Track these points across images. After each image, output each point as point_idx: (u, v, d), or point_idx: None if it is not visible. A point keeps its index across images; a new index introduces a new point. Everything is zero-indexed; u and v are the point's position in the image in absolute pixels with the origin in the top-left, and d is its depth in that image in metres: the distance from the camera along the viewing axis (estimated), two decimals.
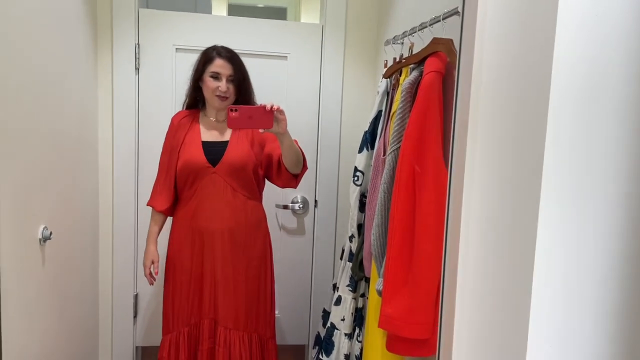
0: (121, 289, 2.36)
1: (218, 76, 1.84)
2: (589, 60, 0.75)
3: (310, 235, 2.50)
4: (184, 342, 1.92)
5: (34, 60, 1.52)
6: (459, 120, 1.00)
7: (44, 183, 1.62)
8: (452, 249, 1.01)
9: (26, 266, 1.49)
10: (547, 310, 0.79)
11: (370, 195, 1.74)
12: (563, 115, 0.76)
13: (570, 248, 0.78)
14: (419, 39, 1.61)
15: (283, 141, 1.76)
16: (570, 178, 0.77)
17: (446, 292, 1.04)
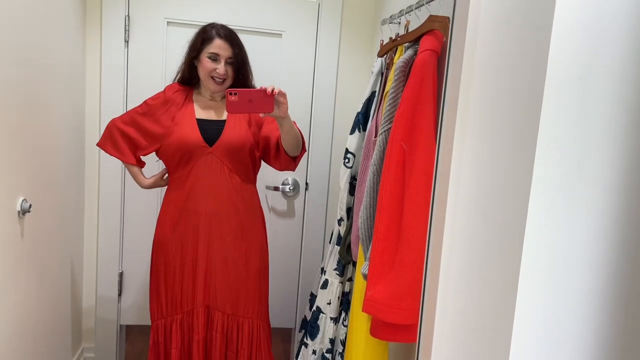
0: (106, 266, 2.33)
1: (216, 57, 1.75)
2: (588, 36, 0.72)
3: (300, 218, 2.47)
4: (177, 330, 1.87)
5: (18, 28, 1.46)
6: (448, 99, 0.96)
7: (24, 155, 1.58)
8: (436, 232, 0.98)
9: (3, 238, 1.45)
10: (533, 298, 0.76)
11: (360, 178, 1.70)
12: (558, 99, 0.72)
13: (560, 234, 0.76)
14: (416, 17, 1.56)
15: (283, 125, 1.69)
16: (563, 164, 0.74)
17: (429, 276, 1.00)
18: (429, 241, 0.98)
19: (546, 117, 0.73)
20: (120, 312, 2.38)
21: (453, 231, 0.95)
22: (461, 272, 0.93)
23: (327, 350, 1.88)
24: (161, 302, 1.87)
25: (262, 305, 1.92)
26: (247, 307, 1.88)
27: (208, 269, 1.84)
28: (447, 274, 0.95)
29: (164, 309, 1.87)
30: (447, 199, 0.93)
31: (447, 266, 0.95)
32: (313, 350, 1.91)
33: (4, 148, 1.42)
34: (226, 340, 1.88)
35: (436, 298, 0.94)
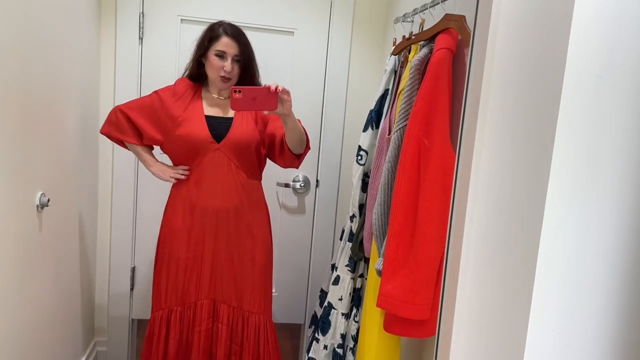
0: (119, 261, 2.35)
1: (223, 55, 1.77)
2: (606, 44, 0.73)
3: (310, 214, 2.49)
4: (176, 322, 1.89)
5: (35, 26, 1.48)
6: (469, 100, 0.97)
7: (43, 150, 1.60)
8: (456, 229, 0.99)
9: (22, 231, 1.47)
10: (550, 294, 0.78)
11: (373, 175, 1.72)
12: (576, 99, 0.74)
13: (577, 231, 0.77)
14: (430, 15, 1.57)
15: (287, 122, 1.71)
16: (580, 162, 0.75)
17: (449, 273, 1.02)
18: (449, 237, 1.00)
19: (564, 114, 0.74)
20: (132, 307, 2.41)
21: (471, 226, 0.97)
22: (479, 266, 0.95)
23: (338, 345, 1.90)
24: (161, 292, 1.89)
25: (267, 300, 1.95)
26: (253, 302, 1.90)
27: (214, 263, 1.87)
28: (466, 269, 0.97)
29: (163, 299, 1.89)
30: (468, 195, 0.94)
31: (466, 260, 0.97)
32: (324, 345, 1.93)
33: (24, 144, 1.44)
34: (231, 333, 1.90)
35: (456, 292, 0.96)
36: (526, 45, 0.84)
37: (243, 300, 1.88)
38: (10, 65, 1.33)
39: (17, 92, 1.38)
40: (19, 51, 1.39)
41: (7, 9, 1.29)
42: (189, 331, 1.91)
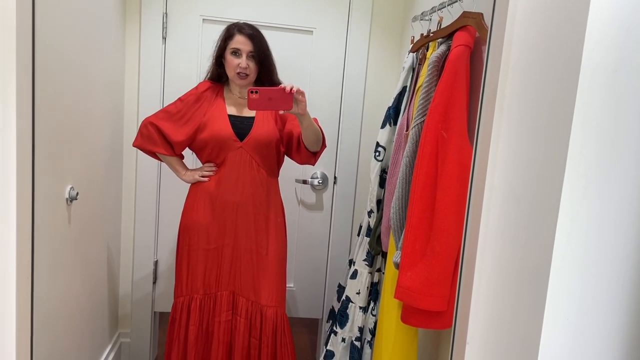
0: (142, 254, 2.41)
1: (238, 52, 1.83)
2: (622, 39, 0.75)
3: (328, 211, 2.52)
4: (195, 309, 1.95)
5: (66, 23, 1.54)
6: (486, 94, 0.99)
7: (72, 145, 1.66)
8: (473, 222, 1.02)
9: (53, 224, 1.53)
10: (565, 285, 0.79)
11: (390, 171, 1.75)
12: (592, 94, 0.75)
13: (592, 224, 0.78)
14: (448, 13, 1.59)
15: (302, 121, 1.77)
16: (596, 155, 0.77)
17: (465, 265, 1.04)
18: (466, 229, 1.02)
19: (580, 108, 0.76)
20: (155, 299, 2.47)
21: (488, 219, 0.99)
22: (496, 258, 0.97)
23: (356, 338, 1.93)
24: (182, 280, 1.96)
25: (282, 294, 2.00)
26: (270, 296, 1.94)
27: (233, 256, 1.93)
28: (482, 261, 0.99)
29: (184, 286, 1.96)
30: (484, 189, 0.96)
31: (482, 253, 0.99)
32: (342, 338, 1.96)
33: (56, 138, 1.50)
34: (250, 327, 1.95)
35: (472, 284, 0.98)
36: (542, 40, 0.86)
37: (260, 295, 1.93)
38: (50, 65, 1.40)
39: (53, 90, 1.44)
40: (58, 51, 1.45)
41: (47, 13, 1.35)
42: (208, 320, 1.97)
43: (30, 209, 1.08)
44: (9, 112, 0.97)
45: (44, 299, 1.50)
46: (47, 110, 1.41)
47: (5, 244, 1.02)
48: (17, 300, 1.02)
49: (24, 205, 1.04)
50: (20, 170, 1.02)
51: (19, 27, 0.96)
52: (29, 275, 1.09)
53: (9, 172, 1.00)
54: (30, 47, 1.02)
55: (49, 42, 1.41)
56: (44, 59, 1.38)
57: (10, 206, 1.01)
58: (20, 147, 1.01)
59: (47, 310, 1.53)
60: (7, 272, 1.02)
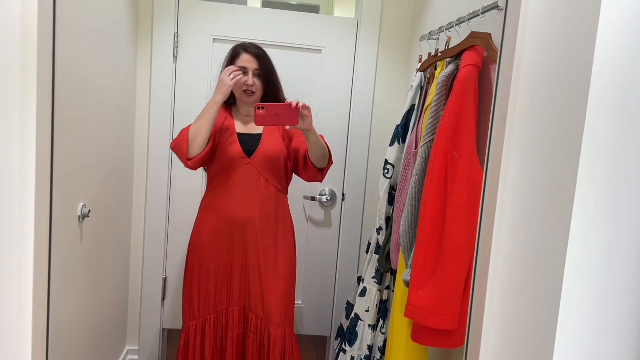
0: (151, 271, 2.42)
1: (245, 70, 1.86)
2: (631, 59, 0.76)
3: (336, 228, 2.53)
4: (210, 330, 1.95)
5: (81, 45, 1.58)
6: (497, 114, 1.01)
7: (86, 163, 1.69)
8: (485, 242, 1.02)
9: (66, 241, 1.55)
10: (577, 304, 0.80)
11: (400, 188, 1.75)
12: (601, 114, 0.76)
13: (603, 246, 0.79)
14: (456, 33, 1.61)
15: (309, 137, 1.79)
16: (606, 174, 0.77)
17: (477, 284, 1.04)
18: (478, 248, 1.03)
19: (590, 127, 0.76)
20: (164, 316, 2.47)
21: (499, 239, 1.00)
22: (507, 277, 0.97)
23: (365, 356, 1.92)
24: (193, 303, 1.95)
25: (291, 312, 1.99)
26: (279, 314, 1.93)
27: (243, 273, 1.93)
28: (494, 279, 1.00)
29: (196, 310, 1.95)
30: (495, 208, 0.97)
31: (494, 271, 0.99)
32: (351, 356, 1.96)
33: (69, 156, 1.53)
34: (260, 343, 1.95)
35: (484, 302, 0.99)
36: (552, 62, 0.87)
37: (269, 313, 1.92)
38: (67, 86, 1.42)
39: (68, 110, 1.47)
40: (74, 73, 1.48)
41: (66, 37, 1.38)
42: (222, 337, 1.97)
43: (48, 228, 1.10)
44: (29, 133, 1.00)
45: (55, 317, 1.51)
46: (62, 130, 1.44)
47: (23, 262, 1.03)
48: (34, 319, 1.03)
49: (41, 225, 1.06)
50: (39, 190, 1.03)
51: (40, 52, 0.99)
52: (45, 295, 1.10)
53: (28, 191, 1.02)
54: (50, 70, 1.05)
55: (66, 65, 1.44)
56: (61, 81, 1.41)
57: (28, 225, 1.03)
58: (40, 167, 1.03)
59: (58, 327, 1.54)
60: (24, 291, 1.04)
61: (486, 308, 1.01)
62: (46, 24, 1.01)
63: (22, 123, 0.99)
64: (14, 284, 1.04)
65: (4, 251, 1.03)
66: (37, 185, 1.02)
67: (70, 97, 1.50)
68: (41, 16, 0.98)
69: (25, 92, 0.99)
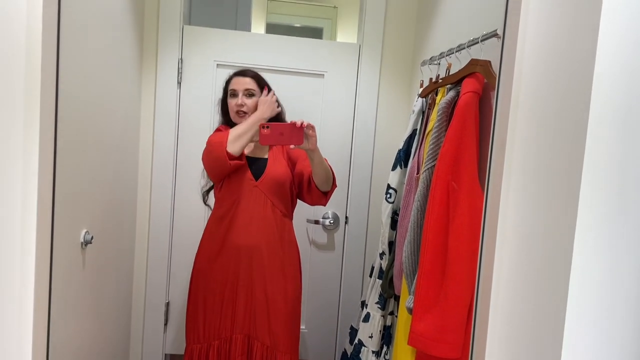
0: (154, 296, 2.42)
1: (235, 92, 1.90)
2: (628, 85, 0.76)
3: (340, 251, 2.52)
4: (214, 355, 1.92)
5: (86, 71, 1.60)
6: (496, 141, 1.01)
7: (88, 189, 1.69)
8: (486, 269, 1.02)
9: (68, 268, 1.55)
10: (580, 335, 0.79)
11: (402, 213, 1.75)
12: (601, 140, 0.76)
13: (605, 274, 0.79)
14: (456, 59, 1.63)
15: (313, 158, 1.80)
16: (607, 203, 0.77)
17: (479, 312, 1.04)
18: (479, 276, 1.02)
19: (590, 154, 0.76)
20: (166, 341, 2.45)
21: (501, 267, 0.99)
22: (509, 305, 0.96)
23: None
24: (198, 327, 1.93)
25: (297, 340, 1.97)
26: (286, 342, 1.91)
27: (248, 299, 1.90)
28: (496, 307, 0.99)
29: (201, 334, 1.93)
30: (496, 235, 0.97)
31: (496, 299, 0.99)
32: None
33: (73, 182, 1.54)
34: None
35: (487, 331, 0.98)
36: (550, 86, 0.87)
37: (276, 340, 1.90)
38: (70, 112, 1.44)
39: (72, 136, 1.49)
40: (78, 99, 1.50)
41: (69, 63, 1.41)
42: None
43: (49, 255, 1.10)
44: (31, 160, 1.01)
45: (56, 343, 1.50)
46: (65, 156, 1.45)
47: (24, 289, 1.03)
48: (34, 345, 1.03)
49: (42, 251, 1.06)
50: (41, 216, 1.04)
51: (44, 79, 1.00)
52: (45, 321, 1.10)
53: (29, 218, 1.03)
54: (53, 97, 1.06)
55: (70, 91, 1.46)
56: (65, 107, 1.42)
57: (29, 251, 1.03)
58: (42, 194, 1.03)
59: (59, 354, 1.52)
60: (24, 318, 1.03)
61: (488, 336, 1.00)
62: (49, 49, 1.03)
63: (25, 150, 1.00)
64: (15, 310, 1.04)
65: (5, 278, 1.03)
66: (39, 211, 1.03)
67: (74, 123, 1.52)
68: (45, 42, 1.00)
69: (28, 119, 1.00)
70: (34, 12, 0.98)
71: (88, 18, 1.59)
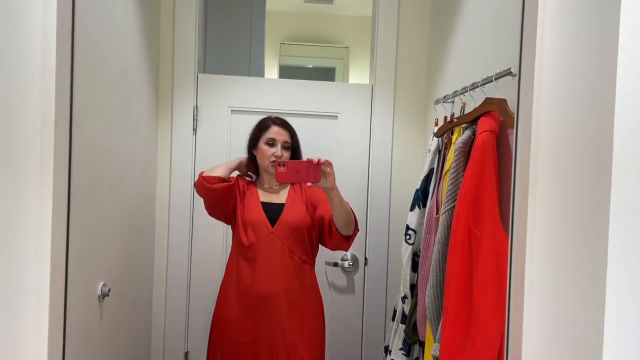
0: (172, 345, 2.37)
1: (274, 142, 1.89)
2: None
3: (360, 293, 2.46)
4: None
5: (103, 120, 1.62)
6: (518, 184, 0.98)
7: (106, 241, 1.69)
8: (515, 314, 0.97)
9: (85, 322, 1.53)
10: None
11: (423, 255, 1.71)
12: (628, 176, 0.74)
13: None
14: (470, 98, 1.62)
15: (332, 197, 1.75)
16: (638, 242, 0.74)
17: None
18: (508, 322, 0.98)
19: (617, 190, 0.74)
20: None
21: (530, 313, 0.95)
22: (542, 352, 0.92)
23: None
24: None
25: None
26: None
27: (268, 350, 1.84)
28: (528, 354, 0.94)
29: None
30: (524, 278, 0.93)
31: (527, 346, 0.94)
32: None
33: (91, 235, 1.53)
34: None
35: None
36: (571, 124, 0.85)
37: None
38: (87, 160, 1.45)
39: (88, 186, 1.49)
40: (96, 148, 1.52)
41: (85, 110, 1.43)
42: None
43: (62, 309, 1.08)
44: (44, 212, 1.00)
45: None
46: (82, 208, 1.45)
47: (39, 344, 1.01)
48: None
49: (56, 305, 1.04)
50: (54, 269, 1.02)
51: (57, 123, 1.00)
52: None
53: (44, 271, 1.01)
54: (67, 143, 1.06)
55: (85, 142, 1.47)
56: (81, 158, 1.44)
57: (42, 305, 1.01)
58: (55, 247, 1.02)
59: None
60: None
61: None
62: (64, 98, 1.03)
63: (39, 202, 0.99)
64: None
65: (19, 333, 1.01)
66: (52, 264, 1.01)
67: (91, 173, 1.53)
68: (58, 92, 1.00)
69: (42, 172, 1.00)
70: (48, 64, 0.99)
71: (104, 71, 1.62)
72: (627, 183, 0.74)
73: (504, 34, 1.53)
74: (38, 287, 1.01)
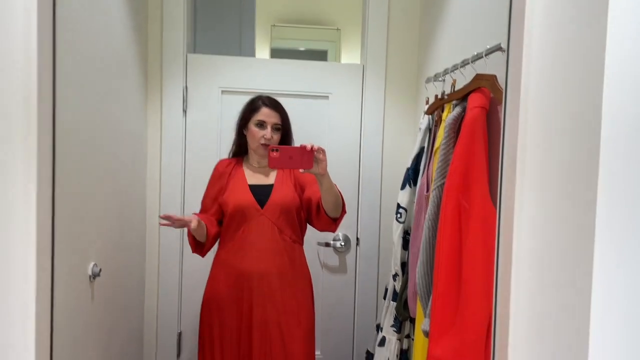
0: (165, 326, 2.38)
1: (264, 124, 1.87)
2: None
3: (352, 273, 2.48)
4: None
5: (90, 102, 1.60)
6: (506, 157, 0.98)
7: (96, 221, 1.68)
8: (503, 288, 0.98)
9: (76, 301, 1.53)
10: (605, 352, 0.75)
11: (413, 233, 1.72)
12: (616, 149, 0.74)
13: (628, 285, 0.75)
14: (461, 75, 1.61)
15: (322, 182, 1.75)
16: (626, 212, 0.74)
17: (498, 333, 1.00)
18: (496, 296, 0.99)
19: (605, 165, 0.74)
20: None
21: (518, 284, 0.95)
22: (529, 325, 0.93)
23: None
24: (214, 358, 1.89)
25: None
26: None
27: (263, 330, 1.86)
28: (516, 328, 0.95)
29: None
30: (512, 253, 0.93)
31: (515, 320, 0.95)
32: None
33: (80, 215, 1.53)
34: None
35: (507, 353, 0.94)
36: (559, 96, 0.85)
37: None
38: (75, 143, 1.44)
39: (77, 168, 1.48)
40: (84, 129, 1.50)
41: (70, 91, 1.41)
42: None
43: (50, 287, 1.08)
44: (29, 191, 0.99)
45: None
46: (71, 190, 1.44)
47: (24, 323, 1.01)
48: None
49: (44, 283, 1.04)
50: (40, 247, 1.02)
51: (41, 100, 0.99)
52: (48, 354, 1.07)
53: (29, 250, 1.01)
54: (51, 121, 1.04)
55: (73, 122, 1.46)
56: (68, 140, 1.42)
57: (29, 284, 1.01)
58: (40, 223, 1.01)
59: None
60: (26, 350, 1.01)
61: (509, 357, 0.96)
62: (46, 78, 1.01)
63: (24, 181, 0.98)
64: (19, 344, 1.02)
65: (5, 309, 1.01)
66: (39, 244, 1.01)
67: (80, 155, 1.52)
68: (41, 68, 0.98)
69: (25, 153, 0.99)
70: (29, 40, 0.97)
71: (90, 51, 1.60)
72: (615, 155, 0.74)
73: (495, 10, 1.52)
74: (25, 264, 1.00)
